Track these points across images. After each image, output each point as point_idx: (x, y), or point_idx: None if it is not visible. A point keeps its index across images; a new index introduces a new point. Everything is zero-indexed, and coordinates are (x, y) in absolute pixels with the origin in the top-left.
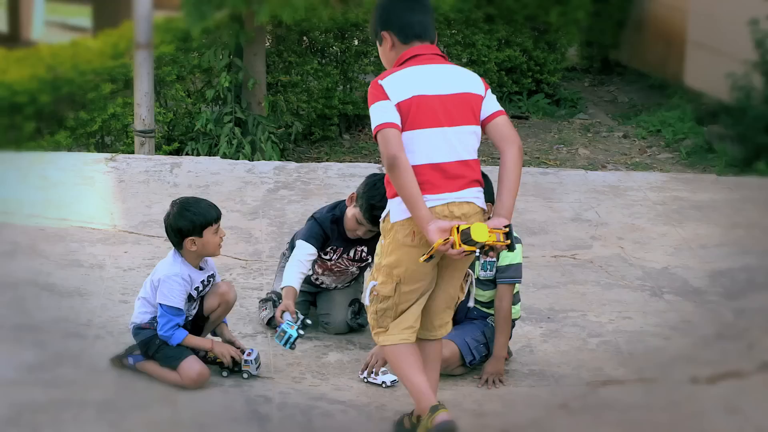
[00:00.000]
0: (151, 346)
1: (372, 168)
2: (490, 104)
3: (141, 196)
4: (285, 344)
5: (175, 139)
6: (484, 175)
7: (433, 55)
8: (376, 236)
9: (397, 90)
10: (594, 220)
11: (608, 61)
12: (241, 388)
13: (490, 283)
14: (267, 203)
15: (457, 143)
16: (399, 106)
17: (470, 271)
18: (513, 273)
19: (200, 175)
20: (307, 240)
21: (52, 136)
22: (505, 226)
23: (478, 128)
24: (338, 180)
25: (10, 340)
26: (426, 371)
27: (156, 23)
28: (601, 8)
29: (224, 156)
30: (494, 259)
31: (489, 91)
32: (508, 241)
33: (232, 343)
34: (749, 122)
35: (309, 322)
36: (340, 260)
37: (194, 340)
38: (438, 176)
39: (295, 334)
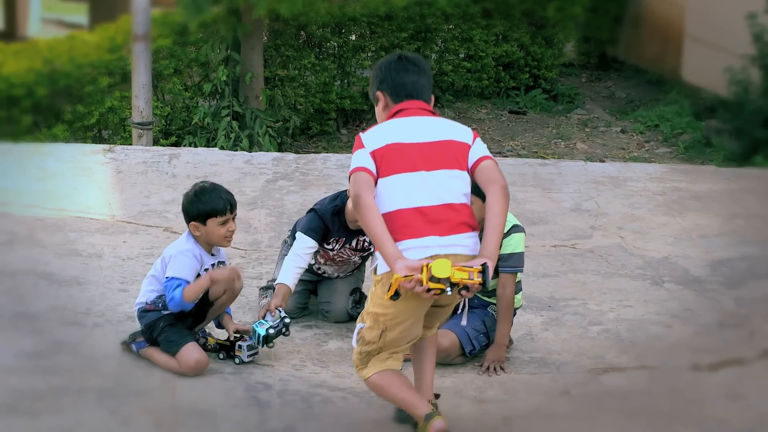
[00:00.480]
0: (155, 329)
1: None
2: (478, 151)
3: (139, 187)
4: (258, 342)
5: (173, 133)
6: None
7: (419, 109)
8: None
9: (374, 139)
10: (593, 210)
11: (605, 56)
12: (240, 375)
13: (494, 273)
14: (266, 194)
15: (438, 187)
16: (373, 154)
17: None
18: (515, 262)
19: (199, 166)
20: (306, 233)
21: (50, 130)
22: (481, 265)
23: (464, 173)
24: (337, 171)
25: (9, 328)
26: (423, 362)
27: (153, 17)
28: (598, 4)
29: (222, 149)
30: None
31: (478, 139)
32: (480, 280)
33: (237, 332)
34: (747, 116)
35: (288, 321)
36: (342, 250)
37: (193, 285)
38: (420, 220)
39: (263, 333)
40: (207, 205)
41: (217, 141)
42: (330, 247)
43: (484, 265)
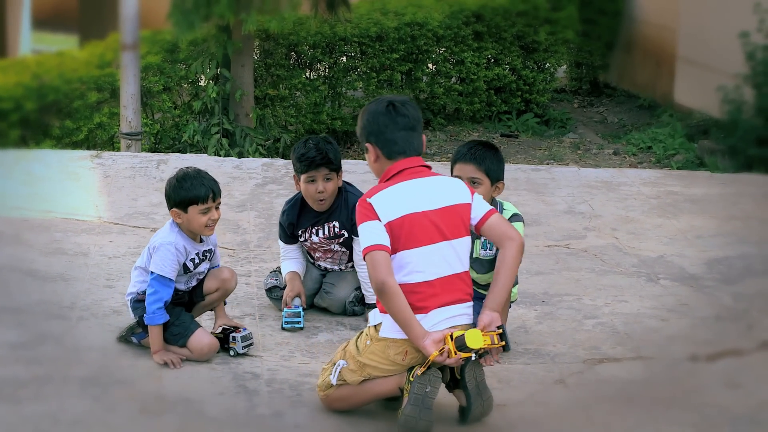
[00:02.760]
0: None
1: (361, 165)
2: (479, 208)
3: (127, 190)
4: (295, 325)
5: (162, 151)
6: (494, 149)
7: (419, 167)
8: (341, 208)
9: (387, 209)
10: (587, 213)
11: (597, 82)
12: (228, 365)
13: (489, 264)
14: (255, 197)
15: (452, 257)
16: (390, 226)
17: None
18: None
19: None
20: (279, 239)
21: (38, 145)
22: (498, 327)
23: (469, 238)
24: None
25: None
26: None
27: (143, 35)
28: (590, 29)
29: None
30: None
31: (476, 194)
32: (503, 343)
33: (229, 325)
34: (740, 135)
35: (302, 313)
36: (318, 241)
37: (153, 334)
38: (430, 292)
39: (302, 321)
40: (189, 192)
41: None
42: (303, 239)
43: (502, 327)
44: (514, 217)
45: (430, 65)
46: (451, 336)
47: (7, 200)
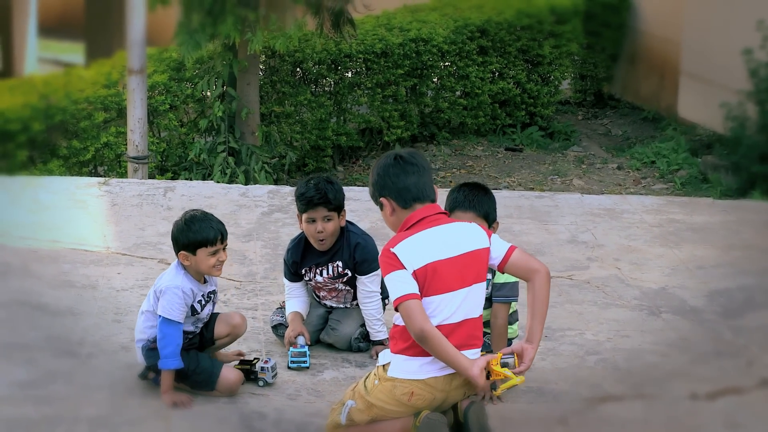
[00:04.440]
0: (176, 377)
1: (364, 192)
2: (499, 247)
3: (134, 219)
4: (301, 364)
5: (169, 169)
6: (486, 190)
7: (437, 215)
8: (344, 248)
9: (411, 258)
10: (590, 242)
11: (601, 94)
12: (235, 404)
13: (486, 302)
14: (261, 226)
15: (469, 302)
16: (415, 274)
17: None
18: (508, 292)
19: (194, 198)
20: (284, 276)
21: (45, 165)
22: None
23: (485, 284)
24: None
25: (2, 358)
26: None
27: (149, 53)
28: (594, 41)
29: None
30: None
31: (494, 235)
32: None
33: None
34: (744, 151)
35: (307, 352)
36: (322, 280)
37: (165, 378)
38: (445, 335)
39: (308, 360)
40: (198, 235)
41: (213, 177)
42: (308, 278)
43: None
44: None
45: (434, 80)
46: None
47: (15, 229)
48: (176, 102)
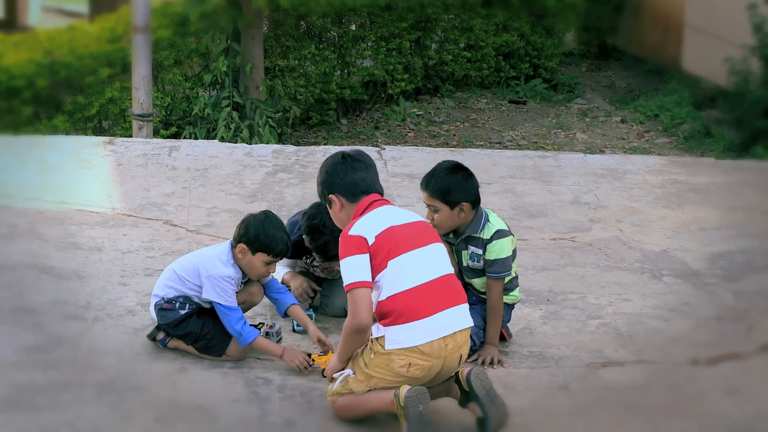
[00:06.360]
0: (188, 338)
1: (371, 152)
2: None
3: (139, 179)
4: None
5: (173, 124)
6: (456, 172)
7: (385, 200)
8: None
9: (370, 228)
10: (593, 203)
11: (606, 46)
12: (240, 369)
13: (480, 272)
14: (266, 186)
15: (438, 260)
16: (378, 240)
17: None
18: (499, 268)
19: (198, 158)
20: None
21: (50, 121)
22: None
23: (442, 245)
24: None
25: (9, 322)
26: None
27: (153, 8)
28: None
29: (222, 140)
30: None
31: None
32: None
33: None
34: (747, 106)
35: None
36: (318, 265)
37: (264, 344)
38: (424, 297)
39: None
40: (269, 241)
41: (217, 131)
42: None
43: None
44: (497, 235)
45: (438, 32)
46: None
47: (22, 190)
48: (181, 57)
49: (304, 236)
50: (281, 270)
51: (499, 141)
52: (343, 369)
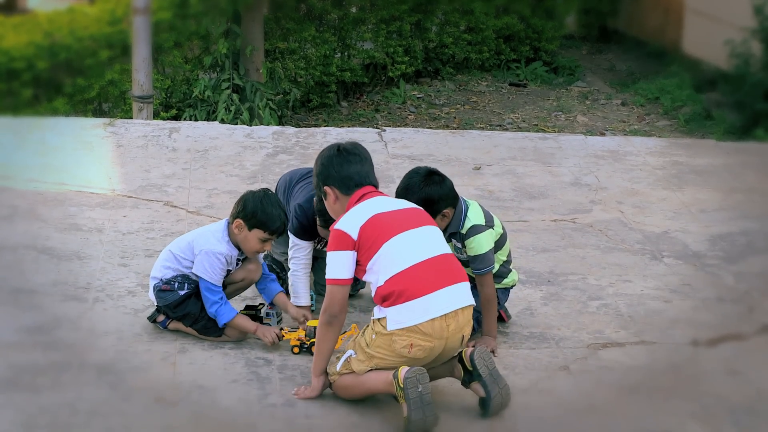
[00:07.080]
0: (186, 319)
1: (371, 133)
2: None
3: (139, 161)
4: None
5: (173, 106)
6: (441, 177)
7: (377, 192)
8: None
9: (355, 220)
10: (593, 185)
11: (606, 28)
12: (240, 350)
13: (467, 264)
14: (266, 167)
15: (431, 240)
16: (363, 229)
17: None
18: (480, 264)
19: (199, 140)
20: (291, 232)
21: (50, 103)
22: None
23: (436, 228)
24: None
25: (9, 302)
26: None
27: None
28: None
29: (222, 122)
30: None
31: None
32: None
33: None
34: (748, 89)
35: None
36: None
37: (239, 321)
38: (422, 276)
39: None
40: (266, 217)
41: (217, 114)
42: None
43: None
44: (471, 231)
45: (439, 15)
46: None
47: (23, 172)
48: (181, 39)
49: (317, 217)
50: (296, 281)
51: (500, 124)
52: (324, 365)
